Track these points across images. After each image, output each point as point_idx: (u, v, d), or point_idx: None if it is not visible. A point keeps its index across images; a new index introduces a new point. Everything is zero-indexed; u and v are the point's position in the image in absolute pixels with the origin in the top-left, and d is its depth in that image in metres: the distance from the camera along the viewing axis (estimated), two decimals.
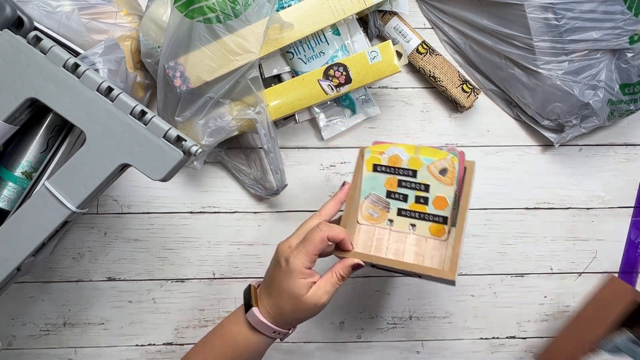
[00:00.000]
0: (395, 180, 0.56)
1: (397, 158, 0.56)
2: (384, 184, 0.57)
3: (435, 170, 0.55)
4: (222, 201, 0.70)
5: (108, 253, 0.69)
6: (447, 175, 0.54)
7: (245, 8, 0.57)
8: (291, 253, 0.50)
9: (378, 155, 0.57)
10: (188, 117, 0.61)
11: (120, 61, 0.54)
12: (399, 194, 0.56)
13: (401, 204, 0.56)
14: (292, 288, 0.50)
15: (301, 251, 0.50)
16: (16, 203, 0.52)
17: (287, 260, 0.50)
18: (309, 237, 0.50)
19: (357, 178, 0.57)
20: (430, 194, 0.55)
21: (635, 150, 0.73)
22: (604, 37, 0.60)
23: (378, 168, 0.57)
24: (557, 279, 0.72)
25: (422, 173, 0.55)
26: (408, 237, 0.56)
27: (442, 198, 0.55)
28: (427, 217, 0.56)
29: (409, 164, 0.56)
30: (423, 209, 0.56)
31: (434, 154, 0.55)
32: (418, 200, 0.56)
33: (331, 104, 0.68)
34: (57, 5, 0.55)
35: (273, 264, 0.52)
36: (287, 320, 0.52)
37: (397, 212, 0.57)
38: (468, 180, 0.54)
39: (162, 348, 0.70)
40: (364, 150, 0.57)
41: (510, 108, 0.71)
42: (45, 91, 0.47)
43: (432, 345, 0.72)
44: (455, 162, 0.54)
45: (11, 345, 0.69)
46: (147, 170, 0.47)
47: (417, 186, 0.56)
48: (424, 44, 0.68)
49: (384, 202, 0.57)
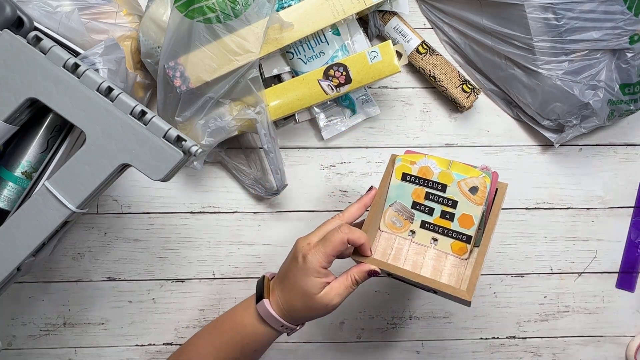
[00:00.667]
0: (423, 192, 0.56)
1: (428, 170, 0.55)
2: (411, 194, 0.56)
3: (465, 188, 0.54)
4: (222, 201, 0.70)
5: (108, 253, 0.69)
6: (477, 195, 0.53)
7: (245, 8, 0.57)
8: (309, 250, 0.50)
9: (409, 165, 0.56)
10: (188, 117, 0.61)
11: (120, 61, 0.54)
12: (425, 207, 0.56)
13: (426, 216, 0.56)
14: (306, 285, 0.50)
15: (320, 250, 0.50)
16: (16, 203, 0.52)
17: (305, 257, 0.50)
18: (329, 237, 0.50)
19: (385, 184, 0.56)
20: (457, 210, 0.54)
21: (635, 150, 0.73)
22: (604, 37, 0.60)
23: (407, 177, 0.56)
24: (557, 279, 0.72)
25: (452, 188, 0.54)
26: (428, 250, 0.56)
27: (468, 216, 0.54)
28: (450, 233, 0.55)
29: (439, 177, 0.55)
30: (448, 224, 0.55)
31: (467, 171, 0.54)
32: (444, 215, 0.55)
33: (331, 104, 0.68)
34: (57, 5, 0.55)
35: (290, 259, 0.52)
36: (296, 316, 0.52)
37: (420, 224, 0.56)
38: (498, 202, 0.53)
39: (162, 348, 0.70)
40: (395, 157, 0.57)
41: (510, 108, 0.71)
42: (45, 91, 0.47)
43: (432, 345, 0.72)
44: (488, 182, 0.53)
45: (11, 345, 0.69)
46: (147, 170, 0.47)
47: (445, 201, 0.55)
48: (424, 44, 0.68)
49: (408, 212, 0.56)
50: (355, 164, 0.71)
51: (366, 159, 0.71)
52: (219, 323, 0.56)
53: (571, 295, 0.72)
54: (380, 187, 0.56)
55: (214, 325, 0.57)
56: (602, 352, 0.72)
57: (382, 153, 0.71)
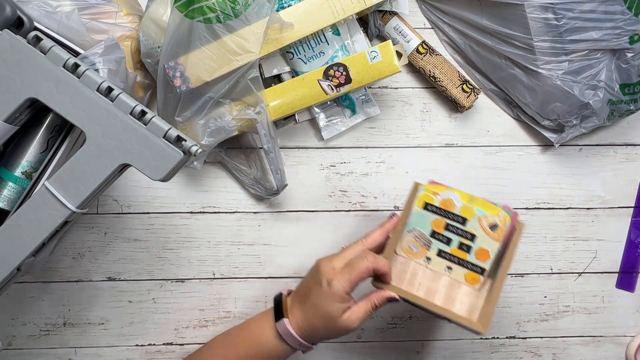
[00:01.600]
0: (443, 223, 0.57)
1: (451, 202, 0.57)
2: (430, 223, 0.58)
3: (485, 224, 0.56)
4: (222, 201, 0.70)
5: (108, 253, 0.69)
6: (496, 231, 0.55)
7: (245, 8, 0.57)
8: (335, 276, 0.52)
9: (432, 195, 0.57)
10: (188, 117, 0.61)
11: (120, 61, 0.54)
12: (444, 237, 0.57)
13: (443, 246, 0.57)
14: (329, 310, 0.52)
15: (345, 277, 0.51)
16: (16, 203, 0.52)
17: (330, 282, 0.52)
18: (355, 265, 0.52)
19: (407, 212, 0.58)
20: (475, 244, 0.56)
21: (635, 150, 0.73)
22: (604, 37, 0.60)
23: (429, 207, 0.57)
24: (557, 279, 0.72)
25: (472, 223, 0.56)
26: (442, 277, 0.57)
27: (485, 251, 0.56)
28: (466, 264, 0.57)
29: (461, 211, 0.56)
30: (464, 255, 0.57)
31: (488, 207, 0.56)
32: (461, 246, 0.57)
33: (331, 104, 0.68)
34: (57, 5, 0.55)
35: (312, 281, 0.54)
36: (316, 336, 0.54)
37: (437, 252, 0.58)
38: (515, 240, 0.55)
39: (162, 348, 0.70)
40: (418, 186, 0.58)
41: (510, 108, 0.71)
42: (45, 91, 0.47)
43: (432, 345, 0.72)
44: (508, 221, 0.55)
45: (11, 345, 0.69)
46: (147, 170, 0.47)
47: (464, 234, 0.57)
48: (424, 44, 0.68)
49: (426, 240, 0.58)
50: (355, 164, 0.71)
51: (366, 159, 0.71)
52: (231, 336, 0.57)
53: (571, 295, 0.72)
54: (403, 214, 0.57)
55: (226, 338, 0.58)
56: (602, 352, 0.72)
57: (382, 153, 0.71)
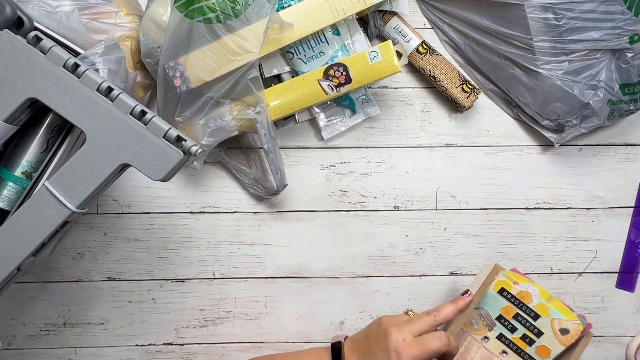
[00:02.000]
0: (513, 311, 0.58)
1: (529, 296, 0.58)
2: (500, 308, 0.59)
3: (557, 326, 0.57)
4: (222, 201, 0.70)
5: (108, 253, 0.69)
6: (566, 336, 0.57)
7: (245, 8, 0.57)
8: (405, 350, 0.51)
9: (511, 283, 0.58)
10: (188, 117, 0.61)
11: (120, 61, 0.54)
12: (510, 324, 0.59)
13: (506, 332, 0.59)
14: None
15: (415, 354, 0.51)
16: (16, 203, 0.52)
17: (399, 355, 0.51)
18: (428, 344, 0.52)
19: (482, 291, 0.59)
20: (539, 340, 0.58)
21: (635, 150, 0.73)
22: (604, 37, 0.60)
23: (504, 293, 0.58)
24: (557, 279, 0.72)
25: (544, 321, 0.57)
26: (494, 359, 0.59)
27: (547, 349, 0.57)
28: (524, 355, 0.58)
29: (536, 307, 0.58)
30: (524, 346, 0.58)
31: (565, 312, 0.57)
32: (524, 337, 0.58)
33: (331, 104, 0.68)
34: (57, 5, 0.55)
35: (379, 346, 0.53)
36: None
37: (497, 335, 0.59)
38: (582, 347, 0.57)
39: (162, 348, 0.70)
40: (499, 270, 0.59)
41: (510, 108, 0.71)
42: (45, 91, 0.47)
43: None
44: (580, 330, 0.56)
45: (11, 345, 0.69)
46: (147, 170, 0.47)
47: (532, 328, 0.58)
48: (424, 44, 0.68)
49: (491, 321, 0.59)
50: (355, 164, 0.71)
51: (366, 159, 0.71)
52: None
53: (571, 295, 0.72)
54: (478, 293, 0.58)
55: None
56: (602, 352, 0.72)
57: (382, 153, 0.71)
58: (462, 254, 0.71)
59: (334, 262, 0.71)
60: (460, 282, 0.71)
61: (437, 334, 0.53)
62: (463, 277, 0.71)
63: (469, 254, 0.71)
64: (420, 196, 0.71)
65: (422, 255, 0.71)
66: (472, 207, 0.71)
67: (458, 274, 0.71)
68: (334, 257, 0.71)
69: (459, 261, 0.71)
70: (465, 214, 0.71)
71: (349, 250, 0.71)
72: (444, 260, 0.71)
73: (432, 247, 0.71)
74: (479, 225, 0.71)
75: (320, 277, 0.71)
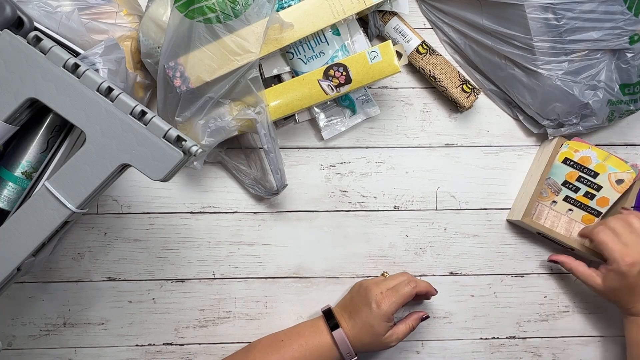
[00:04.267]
0: (576, 175, 0.68)
1: (588, 159, 0.67)
2: (565, 175, 0.68)
3: (613, 179, 0.66)
4: (222, 201, 0.70)
5: (108, 253, 0.69)
6: (621, 185, 0.66)
7: (245, 8, 0.57)
8: (383, 299, 0.61)
9: (572, 152, 0.67)
10: (188, 117, 0.61)
11: (120, 61, 0.54)
12: (573, 186, 0.68)
13: (571, 193, 0.68)
14: (377, 328, 0.61)
15: (393, 301, 0.61)
16: (16, 203, 0.52)
17: (379, 305, 0.61)
18: (401, 291, 0.62)
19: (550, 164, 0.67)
20: (599, 193, 0.67)
21: (635, 150, 0.73)
22: (604, 37, 0.60)
23: (568, 161, 0.67)
24: (557, 279, 0.72)
25: (602, 177, 0.67)
26: (562, 217, 0.70)
27: (606, 199, 0.67)
28: (586, 208, 0.68)
29: (595, 167, 0.67)
30: (586, 202, 0.68)
31: (620, 165, 0.66)
32: (586, 194, 0.68)
33: (331, 104, 0.68)
34: (57, 5, 0.55)
35: (361, 301, 0.63)
36: (360, 349, 0.62)
37: (563, 197, 0.69)
38: (635, 190, 0.66)
39: (162, 348, 0.70)
40: (563, 142, 0.67)
41: (510, 108, 0.71)
42: (45, 91, 0.47)
43: (432, 345, 0.72)
44: (633, 177, 0.65)
45: (11, 345, 0.69)
46: (147, 170, 0.47)
47: (592, 185, 0.67)
48: (424, 44, 0.68)
49: (557, 187, 0.69)
50: (355, 164, 0.71)
51: (366, 159, 0.71)
52: (283, 342, 0.63)
53: (571, 295, 0.72)
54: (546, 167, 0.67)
55: (275, 342, 0.64)
56: (602, 352, 0.72)
57: (382, 153, 0.71)
58: (462, 254, 0.71)
59: (334, 262, 0.71)
60: (460, 282, 0.71)
61: (405, 280, 0.63)
62: (463, 277, 0.71)
63: (469, 254, 0.71)
64: (420, 196, 0.71)
65: (422, 255, 0.71)
66: (472, 207, 0.71)
67: (458, 274, 0.71)
68: (334, 257, 0.71)
69: (459, 261, 0.71)
70: (465, 214, 0.71)
71: (349, 250, 0.71)
72: (444, 260, 0.71)
73: (432, 247, 0.71)
74: (479, 225, 0.72)
75: (320, 277, 0.71)
